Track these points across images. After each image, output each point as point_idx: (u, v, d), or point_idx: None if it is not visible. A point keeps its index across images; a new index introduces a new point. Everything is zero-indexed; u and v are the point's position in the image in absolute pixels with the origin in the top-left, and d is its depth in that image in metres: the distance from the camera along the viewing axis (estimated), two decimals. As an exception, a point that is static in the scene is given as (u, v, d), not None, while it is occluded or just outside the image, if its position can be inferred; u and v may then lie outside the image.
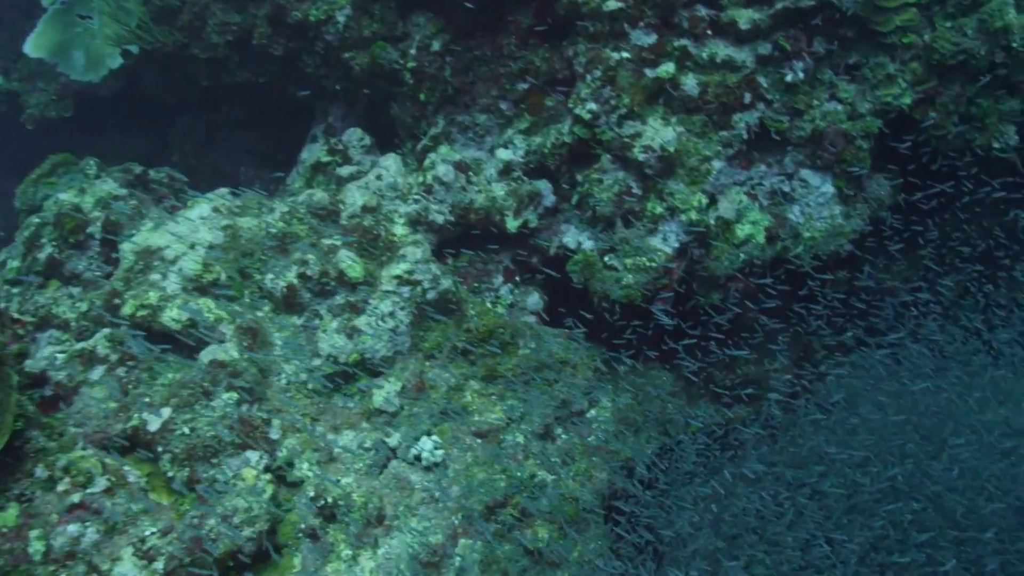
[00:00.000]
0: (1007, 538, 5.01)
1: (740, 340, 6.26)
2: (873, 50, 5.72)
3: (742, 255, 5.72)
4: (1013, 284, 6.69)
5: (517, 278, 6.28)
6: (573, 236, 6.05)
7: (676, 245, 5.71)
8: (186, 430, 4.72)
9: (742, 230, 5.72)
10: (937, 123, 5.72)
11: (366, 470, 5.10)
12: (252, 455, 4.78)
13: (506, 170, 6.21)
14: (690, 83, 5.69)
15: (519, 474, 5.19)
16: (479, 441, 5.33)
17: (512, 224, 6.09)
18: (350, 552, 4.77)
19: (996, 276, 6.71)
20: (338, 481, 4.99)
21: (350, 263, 5.50)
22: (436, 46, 6.37)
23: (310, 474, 4.97)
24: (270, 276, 5.56)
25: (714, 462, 5.90)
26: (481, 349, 5.64)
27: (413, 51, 6.46)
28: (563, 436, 5.64)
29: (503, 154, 6.23)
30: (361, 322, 5.41)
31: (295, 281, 5.47)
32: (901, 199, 6.08)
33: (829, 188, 5.82)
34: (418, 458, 5.16)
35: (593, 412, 5.83)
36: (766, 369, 6.78)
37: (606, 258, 5.78)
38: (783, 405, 6.56)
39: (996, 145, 5.80)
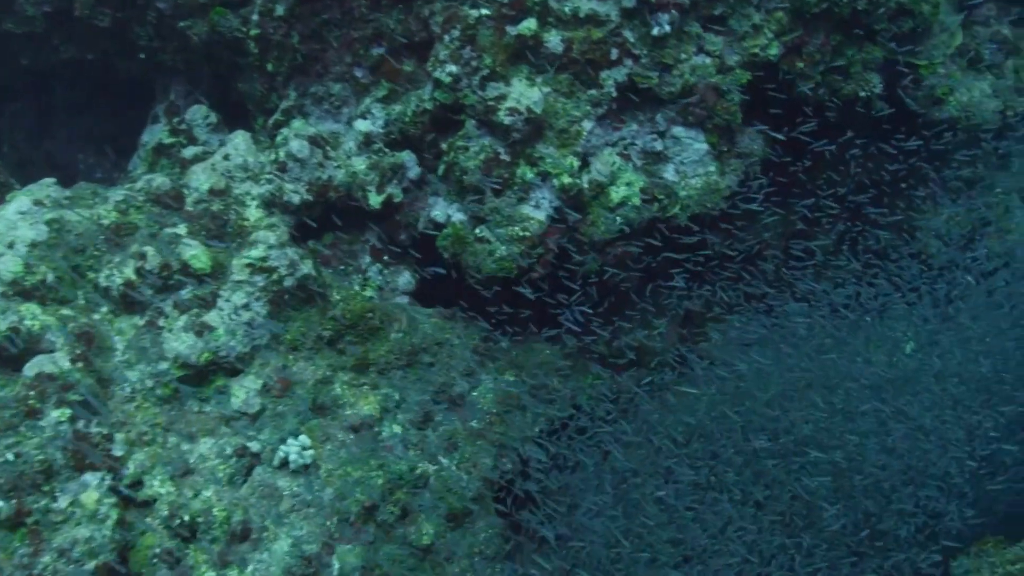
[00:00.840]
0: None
1: (623, 306, 6.07)
2: (739, 0, 5.55)
3: (619, 219, 5.49)
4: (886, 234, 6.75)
5: (385, 257, 5.87)
6: (442, 209, 5.68)
7: (550, 212, 5.42)
8: (10, 456, 4.14)
9: (617, 193, 5.48)
10: (804, 73, 5.62)
11: (228, 480, 4.63)
12: (92, 477, 4.25)
13: (366, 142, 5.77)
14: (554, 40, 5.38)
15: (398, 468, 4.83)
16: (353, 436, 4.94)
17: (375, 200, 5.67)
18: (214, 574, 4.32)
19: (867, 229, 6.75)
20: (196, 495, 4.51)
21: (195, 253, 4.97)
22: (280, 10, 5.83)
23: (163, 491, 4.47)
24: (104, 273, 4.96)
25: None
26: (350, 336, 5.23)
27: (255, 17, 5.89)
28: (444, 422, 5.31)
29: (362, 125, 5.79)
30: (212, 317, 4.90)
31: (133, 277, 4.90)
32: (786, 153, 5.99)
33: (702, 145, 5.65)
34: (285, 462, 4.72)
35: (475, 394, 5.52)
36: (654, 333, 6.64)
37: (477, 230, 5.44)
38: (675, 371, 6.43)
39: (862, 94, 5.75)
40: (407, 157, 5.77)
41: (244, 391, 4.86)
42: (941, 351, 5.56)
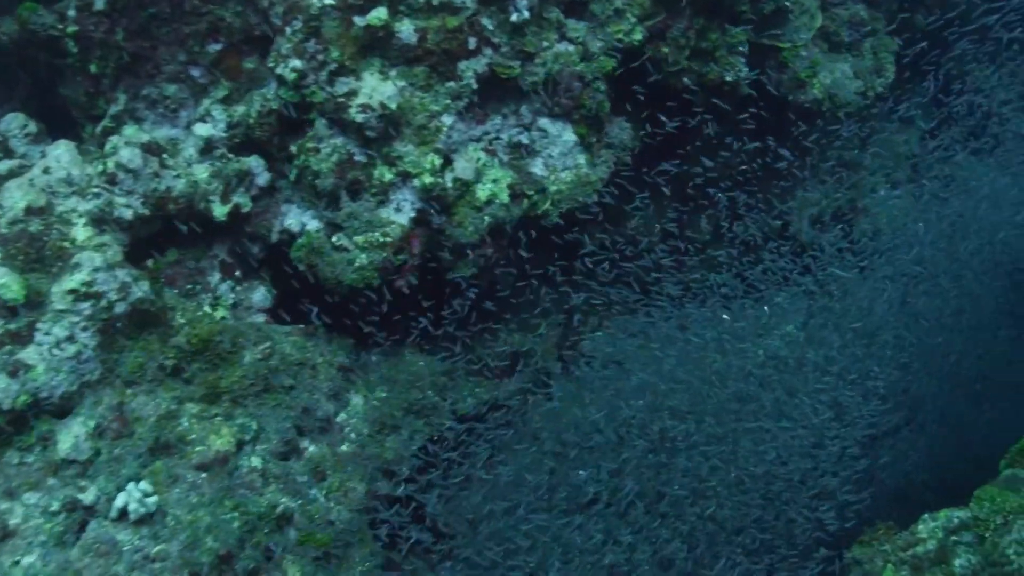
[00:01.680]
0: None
1: (498, 310, 5.76)
2: (599, -16, 5.32)
3: (487, 218, 5.16)
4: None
5: (237, 272, 5.36)
6: (296, 217, 5.22)
7: (412, 215, 5.04)
8: None
9: (483, 190, 5.15)
10: (668, 58, 5.44)
11: (56, 540, 4.05)
12: None
13: (208, 148, 5.23)
14: (406, 30, 5.00)
15: (256, 508, 4.36)
16: (204, 476, 4.43)
17: (220, 211, 5.15)
18: (41, 650, 3.76)
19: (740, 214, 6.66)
20: (17, 562, 3.91)
21: (4, 282, 4.34)
22: (100, 4, 5.21)
23: (-24, 560, 3.87)
24: None
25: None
26: (197, 364, 4.71)
27: (72, 12, 5.26)
28: (311, 449, 4.87)
29: (202, 129, 5.25)
30: (29, 354, 4.30)
31: (-71, 314, 4.24)
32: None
33: (570, 136, 5.39)
34: (125, 512, 4.18)
35: (343, 415, 5.10)
36: (535, 336, 6.37)
37: (334, 238, 5.00)
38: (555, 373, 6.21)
39: (728, 78, 5.62)
40: (254, 162, 5.27)
41: (72, 435, 4.28)
42: (818, 340, 5.52)
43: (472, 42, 5.09)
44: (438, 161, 5.05)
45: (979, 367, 6.12)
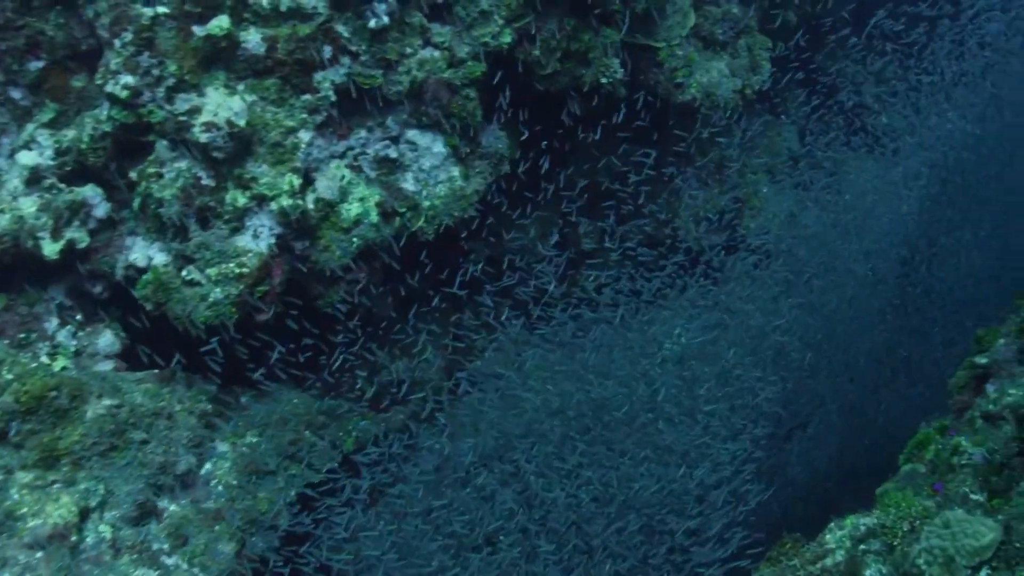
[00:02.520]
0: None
1: (378, 337, 5.37)
2: (462, -16, 5.00)
3: (356, 240, 4.76)
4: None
5: (78, 316, 4.79)
6: (142, 251, 4.69)
7: (272, 241, 4.60)
8: None
9: (350, 210, 4.75)
10: (540, 62, 5.17)
11: None
12: None
13: (34, 178, 4.65)
14: (253, 39, 4.56)
15: (103, 586, 3.83)
16: (40, 555, 3.87)
17: (52, 248, 4.58)
18: None
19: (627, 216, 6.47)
20: None
21: None
22: None
23: None
24: None
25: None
26: (30, 424, 4.14)
27: None
28: (170, 509, 4.35)
29: (26, 158, 4.66)
30: None
31: None
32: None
33: (441, 148, 5.05)
34: (-61, 608, 3.59)
35: (209, 467, 4.60)
36: (420, 361, 6.00)
37: (185, 272, 4.51)
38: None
39: (604, 80, 5.39)
40: (90, 192, 4.71)
41: None
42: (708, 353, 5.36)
43: (328, 51, 4.69)
44: (297, 181, 4.62)
45: (873, 359, 6.11)
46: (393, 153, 4.96)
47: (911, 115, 6.58)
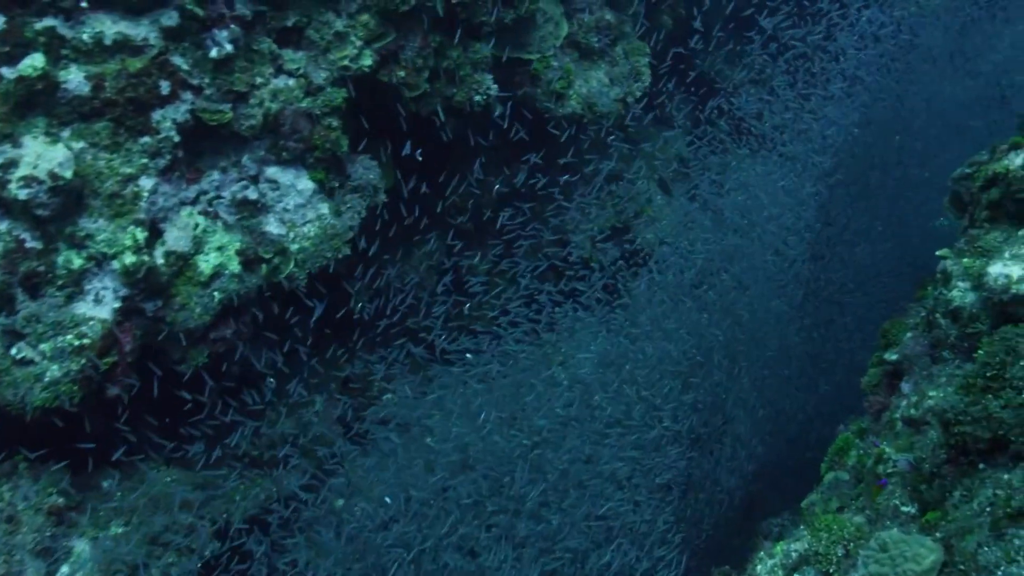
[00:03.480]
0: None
1: (254, 395, 4.86)
2: (313, 6, 4.58)
3: (217, 294, 4.26)
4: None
5: None
6: (-39, 329, 4.06)
7: (117, 305, 4.04)
8: None
9: (207, 262, 4.25)
10: (407, 83, 4.79)
11: None
12: None
13: None
14: (75, 79, 4.03)
15: None
16: None
17: None
18: None
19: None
20: None
21: None
22: None
23: None
24: None
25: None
26: None
27: None
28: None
29: None
30: None
31: None
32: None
33: (307, 184, 4.61)
34: None
35: (65, 569, 3.99)
36: (311, 414, 5.52)
37: (14, 350, 3.91)
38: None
39: (478, 98, 5.05)
40: None
41: None
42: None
43: (165, 86, 4.19)
44: (142, 235, 4.09)
45: (785, 357, 5.99)
46: (253, 194, 4.49)
47: (797, 113, 6.48)
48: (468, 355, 5.27)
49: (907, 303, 4.83)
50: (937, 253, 4.24)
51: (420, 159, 4.96)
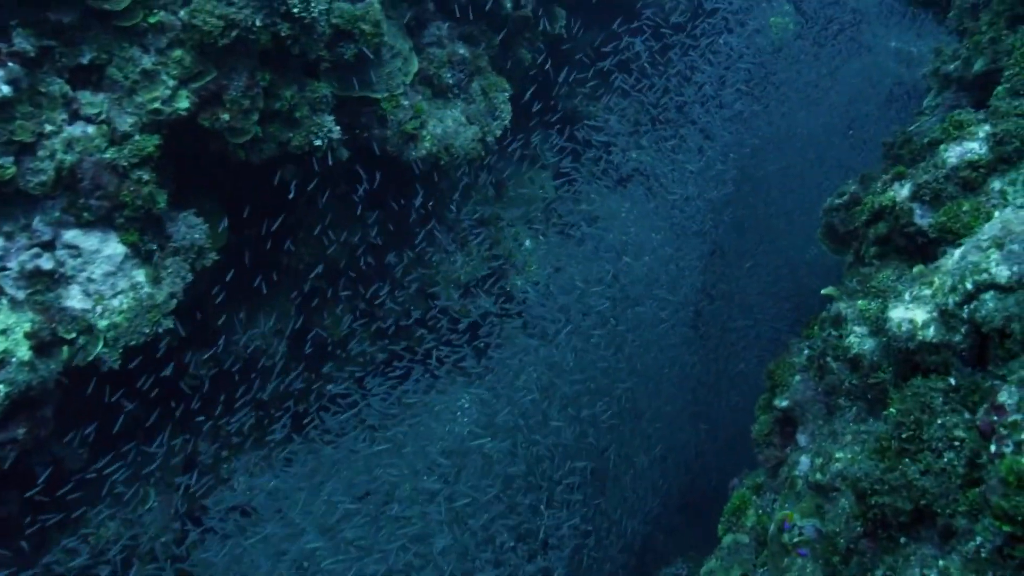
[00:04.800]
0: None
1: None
2: (115, 40, 3.93)
3: (1, 387, 3.50)
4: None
5: None
6: None
7: None
8: None
9: (-13, 349, 3.50)
10: (234, 127, 4.18)
11: None
12: None
13: None
14: None
15: None
16: None
17: None
18: None
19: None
20: None
21: None
22: None
23: None
24: None
25: None
26: None
27: None
28: None
29: None
30: None
31: None
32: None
33: (116, 248, 3.91)
34: None
35: None
36: (143, 514, 4.76)
37: None
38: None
39: (318, 142, 4.50)
40: None
41: None
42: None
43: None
44: None
45: (681, 391, 5.73)
46: (47, 263, 3.76)
47: (666, 148, 6.25)
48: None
49: (791, 338, 4.58)
50: (824, 292, 3.99)
51: (258, 212, 4.37)
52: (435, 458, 4.52)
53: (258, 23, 4.05)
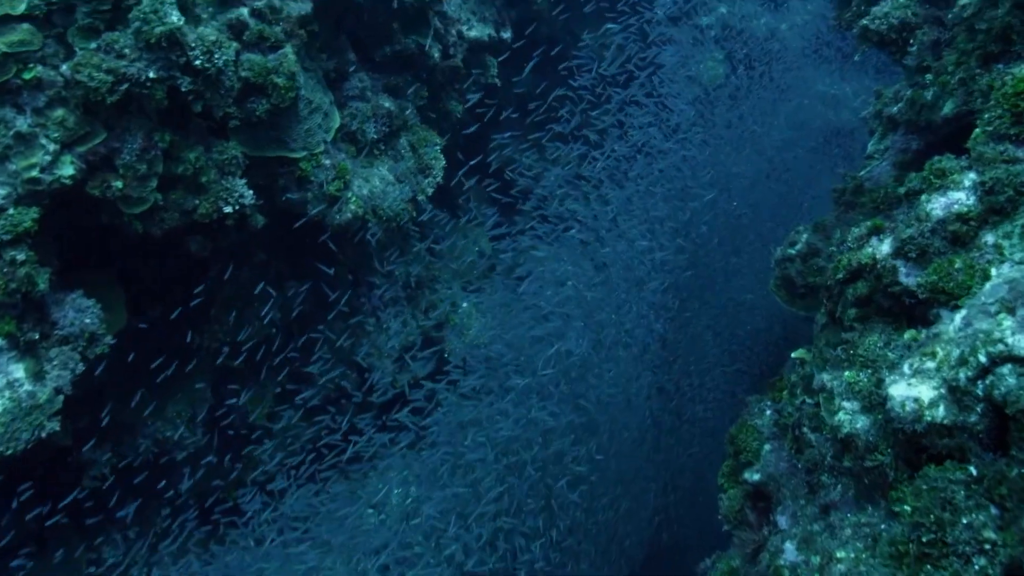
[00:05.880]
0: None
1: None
2: (-18, 100, 3.41)
3: None
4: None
5: None
6: None
7: None
8: None
9: None
10: (128, 196, 3.67)
11: None
12: None
13: None
14: None
15: None
16: None
17: None
18: None
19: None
20: None
21: None
22: None
23: None
24: None
25: None
26: None
27: None
28: None
29: None
30: None
31: None
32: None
33: (-13, 340, 3.35)
34: None
35: None
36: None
37: None
38: None
39: (228, 209, 4.00)
40: None
41: None
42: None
43: None
44: None
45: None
46: (-100, 362, 3.17)
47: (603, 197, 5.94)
48: None
49: (748, 395, 4.25)
50: (794, 355, 3.66)
51: (162, 288, 3.84)
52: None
53: (151, 75, 3.57)
